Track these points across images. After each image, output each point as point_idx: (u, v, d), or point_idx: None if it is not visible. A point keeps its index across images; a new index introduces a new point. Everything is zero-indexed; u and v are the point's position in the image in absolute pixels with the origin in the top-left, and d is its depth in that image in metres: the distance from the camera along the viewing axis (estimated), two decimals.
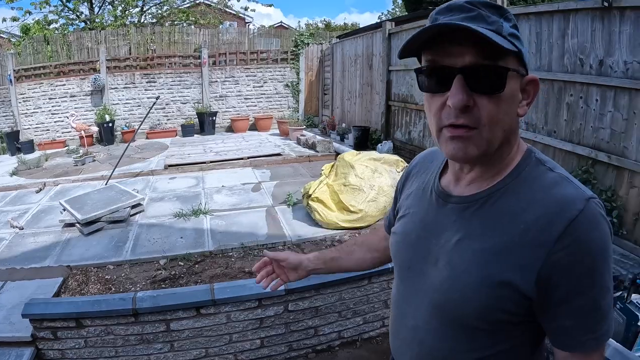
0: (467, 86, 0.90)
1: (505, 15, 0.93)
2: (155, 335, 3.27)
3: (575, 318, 0.92)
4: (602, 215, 0.91)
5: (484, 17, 0.90)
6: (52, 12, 15.41)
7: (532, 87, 0.98)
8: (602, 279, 0.90)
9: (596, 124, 4.51)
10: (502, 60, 0.90)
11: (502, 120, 0.93)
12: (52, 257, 4.86)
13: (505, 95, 0.91)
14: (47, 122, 12.11)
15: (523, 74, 0.96)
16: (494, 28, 0.89)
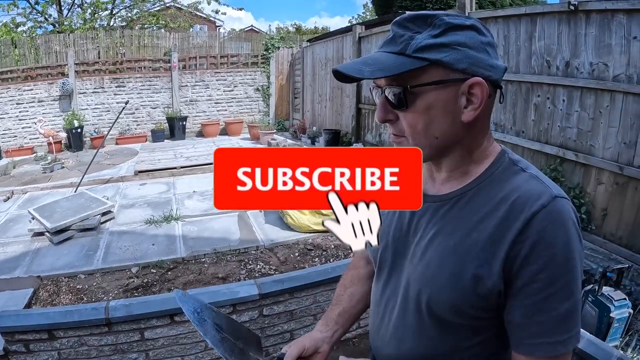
0: (388, 103, 1.01)
1: (433, 23, 0.95)
2: (129, 345, 3.24)
3: (526, 316, 0.93)
4: (569, 217, 0.92)
5: (396, 39, 0.99)
6: (20, 15, 15.09)
7: (479, 90, 0.96)
8: (562, 281, 0.90)
9: (563, 123, 4.64)
10: (413, 79, 0.95)
11: (425, 130, 0.98)
12: (22, 268, 4.78)
13: (420, 108, 0.97)
14: (15, 128, 11.79)
15: (458, 80, 0.96)
16: (398, 49, 0.96)
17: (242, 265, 4.78)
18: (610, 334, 3.38)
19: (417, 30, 0.96)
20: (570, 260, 0.90)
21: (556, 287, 0.90)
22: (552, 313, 0.91)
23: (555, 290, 0.90)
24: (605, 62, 4.17)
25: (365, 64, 0.96)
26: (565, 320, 0.91)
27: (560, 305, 0.90)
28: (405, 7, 14.72)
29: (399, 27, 0.99)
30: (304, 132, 11.69)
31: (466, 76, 0.95)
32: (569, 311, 0.91)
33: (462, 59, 0.94)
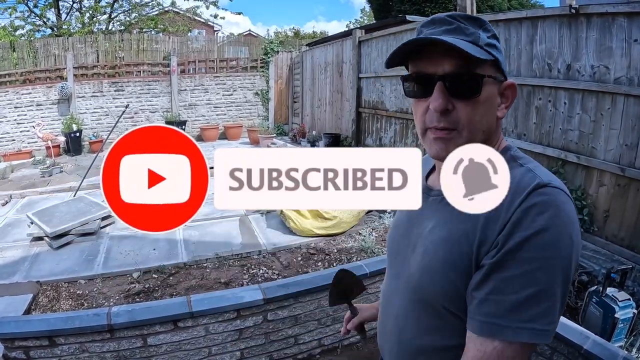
0: (447, 92, 1.00)
1: (484, 26, 1.04)
2: (132, 352, 3.21)
3: (487, 292, 0.92)
4: (555, 204, 0.92)
5: (463, 30, 1.01)
6: (18, 18, 15.07)
7: (510, 91, 1.07)
8: (530, 266, 0.88)
9: (565, 126, 4.64)
10: (479, 68, 1.00)
11: (480, 122, 1.02)
12: (21, 273, 4.74)
13: (482, 99, 1.01)
14: (13, 131, 11.75)
15: (500, 80, 1.05)
16: (471, 39, 1.00)
17: (244, 270, 4.76)
18: (615, 335, 3.39)
19: (474, 27, 1.03)
20: (547, 247, 0.89)
21: (522, 270, 0.89)
22: (511, 296, 0.89)
23: (521, 273, 0.89)
24: (607, 65, 4.17)
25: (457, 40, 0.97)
26: (521, 307, 0.88)
27: (522, 290, 0.88)
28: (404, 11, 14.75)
29: (456, 20, 1.03)
30: (303, 136, 11.69)
31: (503, 78, 1.06)
32: (530, 299, 0.88)
33: (503, 62, 1.05)
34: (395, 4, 15.72)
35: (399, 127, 8.06)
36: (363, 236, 5.35)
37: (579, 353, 2.59)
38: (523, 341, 0.89)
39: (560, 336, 2.65)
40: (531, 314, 0.88)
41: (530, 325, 0.88)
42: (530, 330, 0.88)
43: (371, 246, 5.10)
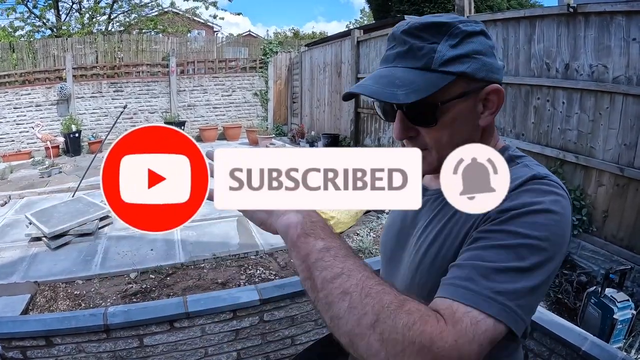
0: (407, 120, 0.98)
1: (450, 31, 0.94)
2: (128, 352, 3.20)
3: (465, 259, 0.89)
4: (545, 190, 0.91)
5: (415, 52, 0.95)
6: (18, 19, 15.07)
7: (495, 96, 0.99)
8: (518, 242, 0.85)
9: (563, 125, 4.63)
10: (437, 95, 0.93)
11: (449, 142, 0.97)
12: (19, 273, 4.74)
13: (446, 123, 0.97)
14: (12, 132, 11.75)
15: (478, 89, 0.97)
16: (421, 63, 0.94)
17: (241, 270, 4.75)
18: (613, 336, 3.38)
19: (434, 40, 0.94)
20: (539, 228, 0.86)
21: (507, 242, 0.85)
22: (487, 264, 0.85)
23: (505, 244, 0.85)
24: (605, 64, 4.17)
25: (395, 86, 0.93)
26: (496, 275, 0.83)
27: (499, 259, 0.84)
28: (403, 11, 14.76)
29: (412, 37, 0.96)
30: (302, 136, 11.69)
31: (484, 84, 0.97)
32: (507, 271, 0.83)
33: (481, 67, 0.95)
34: (394, 4, 15.73)
35: None
36: (361, 236, 5.34)
37: (577, 354, 2.58)
38: (489, 315, 0.81)
39: (559, 337, 2.64)
40: (504, 284, 0.83)
41: (501, 297, 0.82)
42: (500, 303, 0.82)
43: (369, 246, 5.09)
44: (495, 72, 0.98)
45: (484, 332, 0.79)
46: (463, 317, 0.80)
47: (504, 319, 0.81)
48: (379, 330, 0.77)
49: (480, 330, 0.79)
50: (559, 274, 4.24)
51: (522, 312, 0.83)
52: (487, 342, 0.79)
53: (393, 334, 0.76)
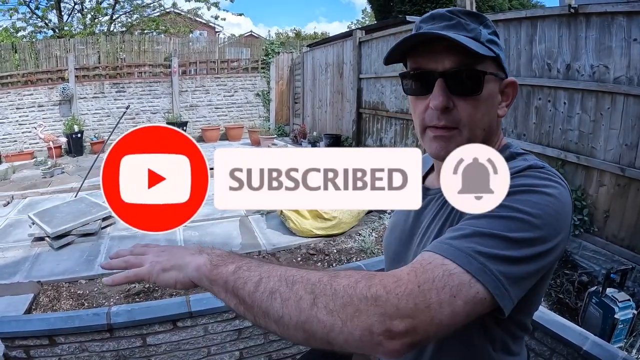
0: (448, 89, 0.97)
1: (485, 22, 1.02)
2: (131, 351, 3.22)
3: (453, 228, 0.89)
4: (552, 180, 0.92)
5: (463, 25, 0.99)
6: (20, 20, 15.13)
7: (511, 89, 1.06)
8: (509, 214, 0.83)
9: (564, 126, 4.63)
10: (480, 65, 0.98)
11: (481, 120, 1.00)
12: (22, 273, 4.76)
13: (483, 97, 0.99)
14: (15, 132, 11.79)
15: (502, 77, 1.04)
16: (472, 35, 0.98)
17: None
18: (614, 335, 3.38)
19: (475, 24, 1.00)
20: (534, 206, 0.85)
21: (498, 213, 0.83)
22: (474, 228, 0.84)
23: (496, 215, 0.83)
24: (606, 65, 4.17)
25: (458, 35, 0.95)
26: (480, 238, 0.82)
27: (487, 226, 0.83)
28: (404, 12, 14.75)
29: (456, 15, 1.00)
30: (304, 137, 11.70)
31: (504, 75, 1.05)
32: (492, 237, 0.82)
33: (504, 59, 1.05)
34: (395, 5, 15.73)
35: (399, 128, 8.06)
36: (363, 237, 5.34)
37: (578, 354, 2.58)
38: (470, 271, 0.79)
39: (560, 337, 2.64)
40: (489, 251, 0.81)
41: (482, 258, 0.80)
42: (482, 266, 0.79)
43: (371, 247, 5.10)
44: (507, 70, 1.07)
45: (457, 286, 0.77)
46: (436, 267, 0.79)
47: (483, 279, 0.78)
48: (321, 304, 0.76)
49: (453, 282, 0.77)
50: (560, 274, 4.25)
51: (505, 280, 0.80)
52: (462, 298, 0.77)
53: (338, 299, 0.75)
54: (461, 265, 0.79)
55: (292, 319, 0.77)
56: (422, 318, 0.75)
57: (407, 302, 0.75)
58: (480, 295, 0.78)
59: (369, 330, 0.74)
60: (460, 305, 0.77)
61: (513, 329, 1.05)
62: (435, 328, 0.76)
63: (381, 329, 0.74)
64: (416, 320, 0.75)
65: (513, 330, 1.05)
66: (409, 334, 0.75)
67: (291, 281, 0.79)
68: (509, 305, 0.82)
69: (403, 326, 0.74)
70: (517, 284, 0.82)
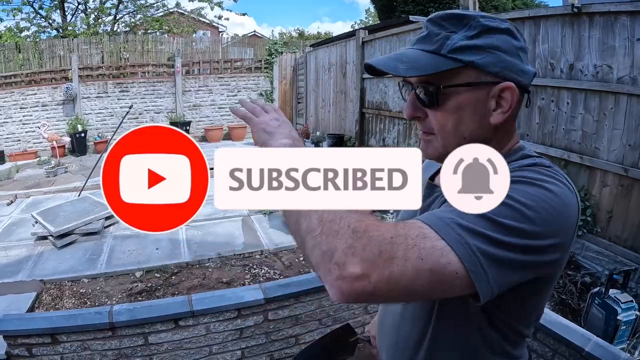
0: (417, 100, 1.02)
1: (469, 24, 0.97)
2: (133, 350, 3.22)
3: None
4: (555, 178, 0.91)
5: (431, 37, 0.99)
6: (24, 20, 15.14)
7: (509, 95, 0.98)
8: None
9: (568, 126, 4.62)
10: (443, 78, 0.96)
11: (454, 130, 0.99)
12: (25, 272, 4.77)
13: (450, 108, 0.98)
14: (18, 132, 11.82)
15: (489, 83, 0.97)
16: (433, 48, 0.97)
17: (246, 269, 4.77)
18: (617, 337, 3.37)
19: (452, 30, 0.97)
20: (531, 197, 0.84)
21: None
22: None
23: None
24: (609, 64, 4.16)
25: (400, 62, 0.97)
26: (464, 214, 0.78)
27: None
28: (407, 12, 14.74)
29: (433, 25, 1.00)
30: (307, 136, 11.69)
31: (497, 80, 0.97)
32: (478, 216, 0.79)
33: (496, 62, 0.96)
34: (399, 5, 15.72)
35: (402, 128, 8.05)
36: None
37: (580, 355, 2.57)
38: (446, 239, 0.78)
39: (562, 338, 2.64)
40: (471, 227, 0.80)
41: (460, 232, 0.79)
42: (458, 237, 0.79)
43: None
44: (516, 73, 0.99)
45: (428, 249, 0.77)
46: (413, 228, 0.80)
47: (458, 250, 0.77)
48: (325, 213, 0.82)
49: (425, 244, 0.77)
50: (563, 274, 4.23)
51: (483, 258, 0.78)
52: (430, 263, 0.76)
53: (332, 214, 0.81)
54: (437, 231, 0.79)
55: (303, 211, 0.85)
56: (380, 268, 0.75)
57: (374, 247, 0.76)
58: (453, 267, 0.77)
59: (332, 252, 0.77)
60: (426, 270, 0.76)
61: (512, 336, 1.03)
62: (389, 285, 0.76)
63: (341, 259, 0.76)
64: (373, 267, 0.75)
65: (512, 337, 1.03)
66: (360, 280, 0.75)
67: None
68: (486, 290, 0.79)
69: (358, 268, 0.75)
70: (496, 268, 0.79)
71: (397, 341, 1.19)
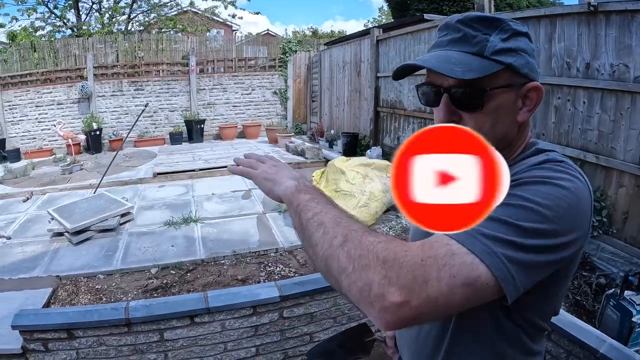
0: (452, 104, 1.01)
1: (501, 27, 0.98)
2: (148, 345, 3.23)
3: None
4: (569, 173, 0.91)
5: (469, 39, 0.99)
6: (39, 19, 15.30)
7: (535, 93, 1.02)
8: (520, 203, 0.83)
9: (584, 125, 4.56)
10: (484, 81, 0.96)
11: (490, 131, 0.98)
12: (41, 267, 4.80)
13: (489, 110, 0.99)
14: (34, 130, 11.99)
15: (521, 83, 1.00)
16: (475, 50, 0.98)
17: (261, 267, 4.75)
18: (631, 339, 3.32)
19: (486, 32, 0.99)
20: (547, 198, 0.85)
21: (509, 201, 0.80)
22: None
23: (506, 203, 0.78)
24: (626, 64, 4.09)
25: (451, 64, 0.96)
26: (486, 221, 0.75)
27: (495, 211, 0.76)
28: (421, 10, 14.69)
29: (466, 26, 1.00)
30: (321, 135, 11.68)
31: (526, 80, 1.01)
32: (499, 221, 0.81)
33: (525, 64, 0.99)
34: (413, 3, 15.67)
35: (417, 127, 8.00)
36: None
37: (594, 357, 2.54)
38: (474, 252, 0.78)
39: (576, 339, 2.61)
40: (494, 234, 0.80)
41: (486, 242, 0.80)
42: (485, 247, 0.79)
43: None
44: (535, 73, 1.02)
45: (458, 266, 0.78)
46: (441, 246, 0.80)
47: (487, 261, 0.78)
48: (346, 248, 0.84)
49: (455, 262, 0.78)
50: (578, 275, 4.18)
51: (510, 265, 0.80)
52: (462, 279, 0.77)
53: (358, 249, 0.82)
54: (465, 245, 0.80)
55: (322, 249, 0.88)
56: (418, 292, 0.76)
57: (408, 273, 0.77)
58: (483, 278, 0.78)
59: (370, 287, 0.79)
60: (459, 286, 0.77)
61: (530, 330, 1.05)
62: (429, 306, 0.77)
63: (379, 291, 0.77)
64: (411, 293, 0.76)
65: (530, 330, 1.05)
66: (402, 307, 0.76)
67: (337, 222, 0.90)
68: (513, 293, 0.81)
69: (398, 296, 0.76)
70: (523, 272, 0.82)
71: (417, 336, 1.21)
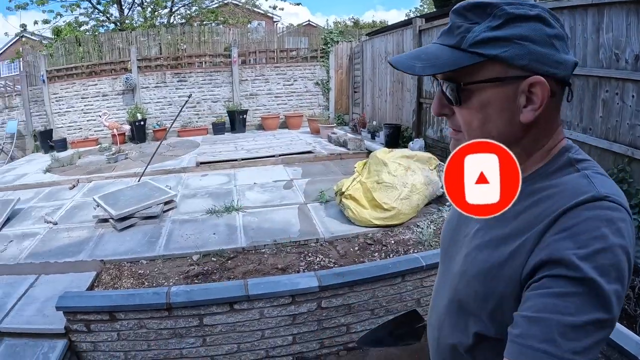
0: (444, 97, 0.98)
1: (493, 12, 0.88)
2: (187, 330, 3.24)
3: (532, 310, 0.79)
4: (608, 221, 0.80)
5: (453, 30, 0.93)
6: (82, 15, 15.71)
7: (539, 89, 0.88)
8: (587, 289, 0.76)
9: (632, 120, 4.31)
10: (466, 74, 0.91)
11: (481, 128, 0.93)
12: (86, 252, 4.88)
13: (475, 106, 0.93)
14: (80, 120, 12.35)
15: (517, 77, 0.89)
16: (453, 42, 0.92)
17: (301, 257, 4.71)
18: None
19: (476, 21, 0.90)
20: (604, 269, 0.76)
21: (573, 290, 0.76)
22: (562, 317, 0.75)
23: (572, 292, 0.76)
24: None
25: (418, 59, 0.93)
26: (574, 333, 0.74)
27: (574, 311, 0.75)
28: None
29: (457, 15, 0.94)
30: (363, 126, 11.57)
31: (526, 73, 0.88)
32: (585, 326, 0.74)
33: (524, 54, 0.87)
34: None
35: None
36: (421, 228, 5.19)
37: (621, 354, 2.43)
38: None
39: (615, 344, 2.48)
40: (585, 345, 0.74)
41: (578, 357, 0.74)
42: None
43: (428, 239, 4.94)
44: (548, 65, 0.88)
45: None
46: None
47: None
48: None
49: None
50: None
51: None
52: None
53: None
54: None
55: None
56: None
57: None
58: None
59: None
60: None
61: None
62: None
63: None
64: None
65: None
66: None
67: None
68: None
69: None
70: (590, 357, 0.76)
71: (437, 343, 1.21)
